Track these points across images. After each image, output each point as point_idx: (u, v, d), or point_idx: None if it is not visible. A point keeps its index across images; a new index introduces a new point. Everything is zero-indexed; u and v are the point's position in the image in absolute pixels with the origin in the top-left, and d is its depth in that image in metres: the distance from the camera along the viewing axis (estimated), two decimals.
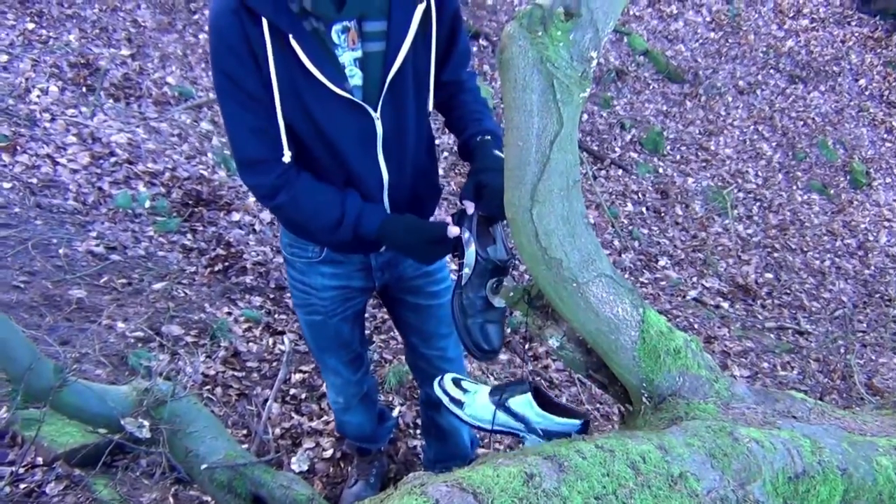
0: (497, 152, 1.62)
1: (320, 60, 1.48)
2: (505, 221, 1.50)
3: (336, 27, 1.51)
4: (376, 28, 1.53)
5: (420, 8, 1.54)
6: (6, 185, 3.78)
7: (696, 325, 4.80)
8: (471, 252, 1.58)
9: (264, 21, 1.44)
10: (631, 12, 8.94)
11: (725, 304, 5.27)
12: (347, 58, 1.54)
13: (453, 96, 1.78)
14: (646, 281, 5.26)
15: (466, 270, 1.60)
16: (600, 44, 1.21)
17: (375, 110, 1.59)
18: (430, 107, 1.72)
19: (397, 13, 1.53)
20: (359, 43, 1.54)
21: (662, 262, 5.58)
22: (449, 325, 2.08)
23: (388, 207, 1.75)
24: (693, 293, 5.26)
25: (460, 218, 1.62)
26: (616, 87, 7.83)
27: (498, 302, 1.60)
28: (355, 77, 1.56)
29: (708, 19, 9.43)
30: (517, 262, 1.62)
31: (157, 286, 3.42)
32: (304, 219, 1.68)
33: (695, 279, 5.50)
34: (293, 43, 1.45)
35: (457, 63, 1.75)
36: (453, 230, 1.59)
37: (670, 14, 9.22)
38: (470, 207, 1.60)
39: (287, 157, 1.57)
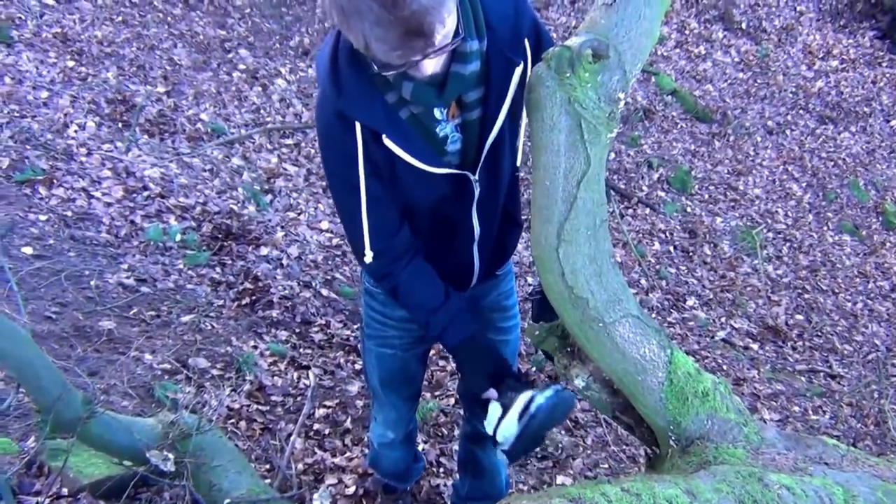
0: None
1: (415, 147, 1.48)
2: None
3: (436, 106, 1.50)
4: (474, 96, 1.51)
5: (518, 70, 1.49)
6: (42, 217, 3.86)
7: (724, 367, 4.72)
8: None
9: (357, 124, 1.45)
10: (659, 52, 8.98)
11: (755, 346, 5.19)
12: (449, 128, 1.54)
13: None
14: (673, 321, 5.20)
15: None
16: (628, 85, 1.22)
17: (474, 174, 1.58)
18: (520, 158, 1.72)
19: (495, 80, 1.49)
20: (459, 113, 1.53)
21: (690, 301, 5.53)
22: (513, 362, 2.09)
23: (476, 258, 1.78)
24: (722, 334, 5.19)
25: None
26: (644, 127, 7.84)
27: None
28: (457, 142, 1.56)
29: (737, 59, 9.44)
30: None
31: (185, 319, 3.46)
32: (404, 308, 1.75)
33: (723, 320, 5.43)
34: (386, 141, 1.45)
35: None
36: (491, 394, 1.60)
37: (698, 54, 9.25)
38: None
39: (369, 257, 1.61)
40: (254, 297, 3.82)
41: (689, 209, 6.89)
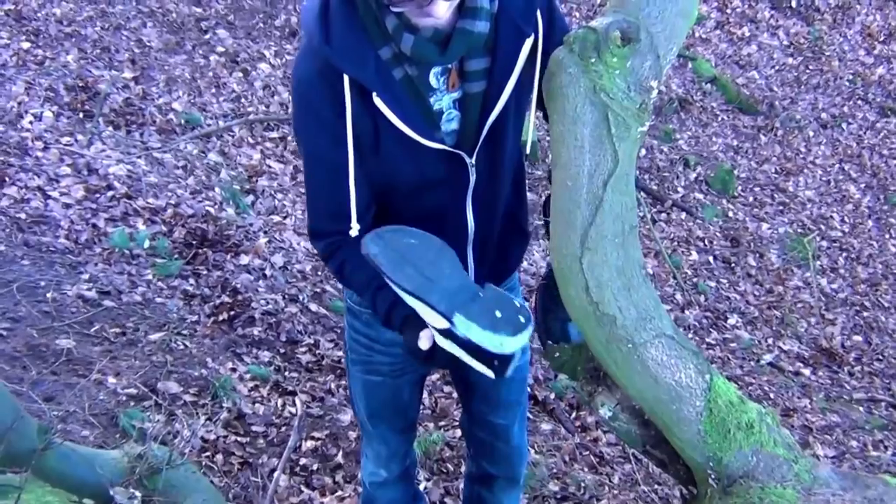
0: None
1: (408, 112, 1.50)
2: None
3: (434, 69, 1.53)
4: (479, 66, 1.54)
5: (528, 42, 1.54)
6: None
7: (771, 395, 4.71)
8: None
9: (345, 78, 1.47)
10: (697, 34, 9.00)
11: (807, 371, 5.17)
12: (446, 101, 1.57)
13: None
14: (713, 342, 5.19)
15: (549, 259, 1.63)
16: (661, 72, 1.23)
17: (471, 156, 1.60)
18: (528, 148, 1.74)
19: (503, 50, 1.53)
20: (459, 84, 1.56)
21: (733, 320, 5.52)
22: (520, 393, 2.08)
23: (470, 263, 1.77)
24: (768, 357, 5.18)
25: (545, 204, 1.66)
26: (679, 119, 7.85)
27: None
28: (453, 121, 1.59)
29: (785, 43, 9.45)
30: None
31: (154, 337, 3.47)
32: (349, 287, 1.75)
33: (770, 341, 5.42)
34: (376, 100, 1.47)
35: None
36: (423, 338, 1.57)
37: (742, 37, 9.26)
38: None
39: (355, 230, 1.60)
40: (232, 313, 3.83)
41: (730, 214, 6.89)
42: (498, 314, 1.40)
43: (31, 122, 4.63)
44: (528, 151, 1.77)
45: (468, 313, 1.40)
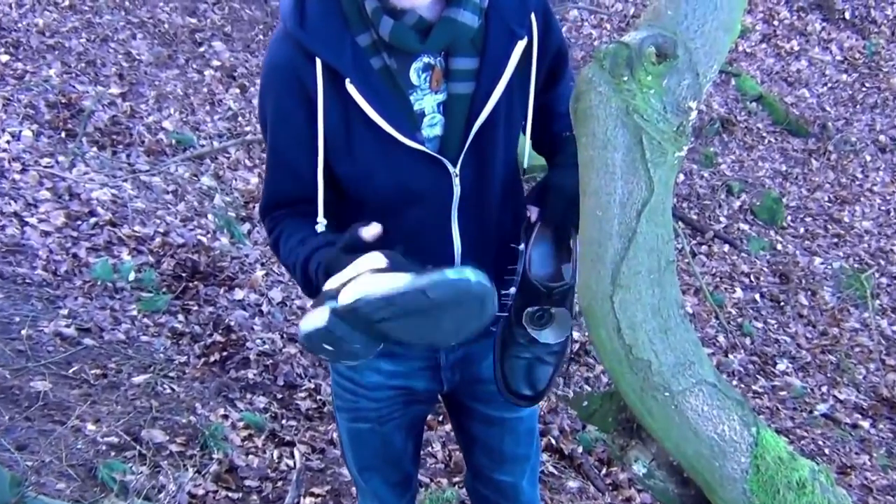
0: None
1: (386, 105, 1.52)
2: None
3: (416, 65, 1.56)
4: (466, 66, 1.57)
5: (520, 45, 1.58)
6: None
7: (826, 451, 4.66)
8: (520, 269, 1.62)
9: (318, 62, 1.50)
10: (740, 48, 9.04)
11: (865, 424, 5.12)
12: (429, 102, 1.59)
13: (541, 110, 1.80)
14: (760, 390, 5.15)
15: (512, 290, 1.63)
16: (701, 91, 1.23)
17: (455, 165, 1.61)
18: (525, 161, 1.75)
19: (492, 50, 1.57)
20: (443, 84, 1.58)
21: (782, 365, 5.47)
22: (528, 445, 2.07)
23: None
24: (822, 407, 5.13)
25: (525, 227, 1.66)
26: (721, 141, 7.85)
27: (544, 337, 1.62)
28: (436, 126, 1.60)
29: (839, 58, 9.46)
30: (568, 288, 1.63)
31: (138, 379, 3.47)
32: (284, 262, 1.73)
33: (825, 389, 5.37)
34: (349, 87, 1.50)
35: (554, 103, 1.78)
36: (369, 230, 1.50)
37: (790, 51, 9.29)
38: (533, 213, 1.65)
39: (321, 226, 1.62)
40: (225, 353, 3.83)
41: (779, 246, 6.86)
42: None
43: (8, 142, 4.69)
44: (524, 167, 1.77)
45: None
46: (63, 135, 4.93)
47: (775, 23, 9.53)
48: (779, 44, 9.33)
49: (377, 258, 1.41)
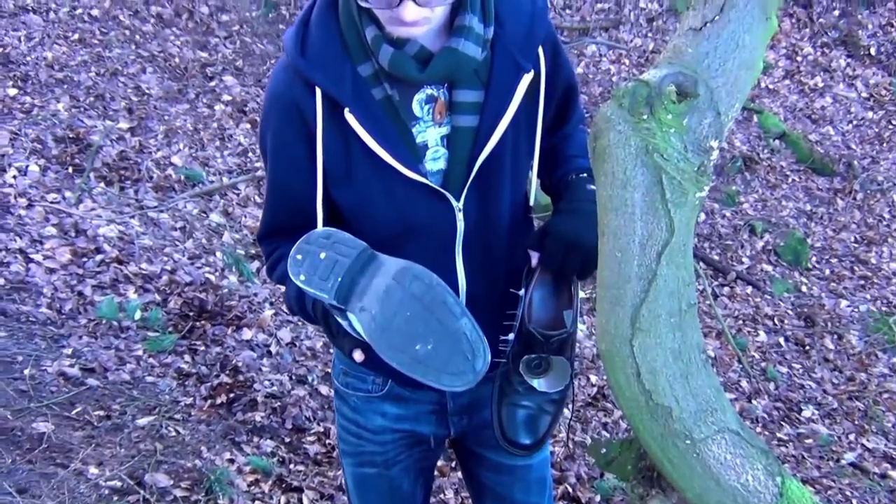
0: (592, 187, 1.62)
1: (386, 135, 1.55)
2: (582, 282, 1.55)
3: (419, 96, 1.58)
4: (470, 98, 1.59)
5: (526, 78, 1.60)
6: None
7: (854, 502, 4.60)
8: (520, 315, 1.63)
9: (318, 92, 1.53)
10: (763, 84, 9.07)
11: (895, 474, 5.06)
12: (433, 135, 1.61)
13: (550, 151, 1.82)
14: (785, 438, 5.10)
15: (511, 336, 1.63)
16: (723, 130, 1.24)
17: (458, 199, 1.63)
18: (532, 199, 1.76)
19: (497, 82, 1.58)
20: (447, 116, 1.60)
21: (808, 412, 5.42)
22: (540, 494, 2.05)
23: None
24: (850, 456, 5.07)
25: (526, 273, 1.67)
26: (744, 180, 7.85)
27: (541, 385, 1.62)
28: (440, 159, 1.62)
29: (864, 95, 9.48)
30: (567, 336, 1.63)
31: (143, 421, 3.47)
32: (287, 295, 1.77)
33: (852, 437, 5.31)
34: (349, 117, 1.52)
35: (562, 144, 1.80)
36: (356, 356, 1.59)
37: (814, 88, 9.31)
38: (533, 258, 1.66)
39: None
40: (232, 395, 3.83)
41: (804, 288, 6.83)
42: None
43: (14, 177, 4.73)
44: (532, 203, 1.79)
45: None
46: (70, 170, 4.98)
47: (798, 59, 9.56)
48: (802, 80, 9.35)
49: None
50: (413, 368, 1.43)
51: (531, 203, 1.79)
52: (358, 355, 1.58)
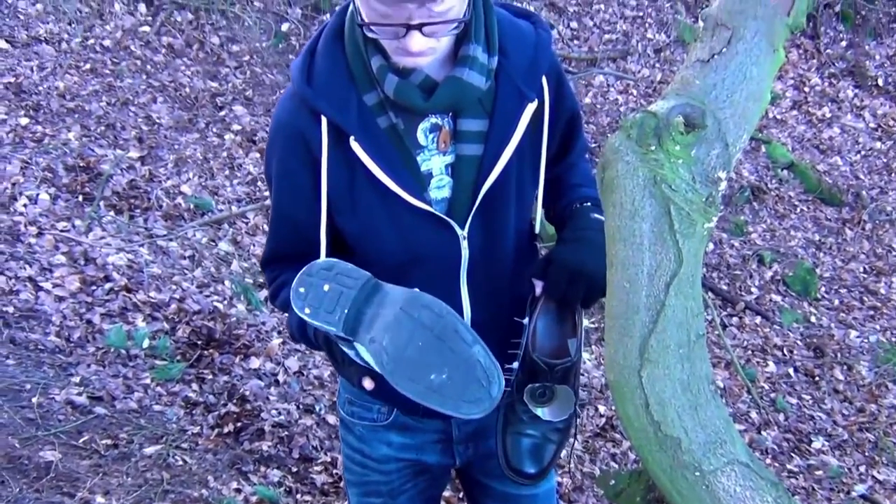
0: (596, 216, 1.65)
1: (391, 164, 1.56)
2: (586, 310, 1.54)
3: (423, 125, 1.60)
4: (474, 127, 1.61)
5: (530, 107, 1.61)
6: None
7: None
8: (524, 343, 1.64)
9: (323, 121, 1.54)
10: (771, 114, 9.08)
11: None
12: (437, 163, 1.62)
13: (554, 181, 1.83)
14: (795, 469, 5.06)
15: (514, 365, 1.63)
16: (731, 161, 1.24)
17: (462, 227, 1.64)
18: (538, 227, 1.77)
19: (501, 111, 1.60)
20: (452, 145, 1.62)
21: (818, 443, 5.39)
22: None
23: None
24: (861, 488, 5.03)
25: (530, 301, 1.68)
26: (752, 210, 7.85)
27: (545, 414, 1.62)
28: (444, 188, 1.63)
29: (872, 125, 9.48)
30: (571, 364, 1.63)
31: (150, 450, 3.46)
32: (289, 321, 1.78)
33: (863, 469, 5.27)
34: (354, 145, 1.53)
35: (566, 174, 1.81)
36: (366, 384, 1.59)
37: (822, 118, 9.32)
38: (537, 287, 1.66)
39: None
40: (239, 424, 3.82)
41: (813, 319, 6.80)
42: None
43: (25, 206, 4.76)
44: (537, 230, 1.80)
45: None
46: (80, 199, 5.00)
47: (806, 89, 9.59)
48: (810, 111, 9.37)
49: None
50: (429, 398, 1.43)
51: (537, 231, 1.80)
52: (368, 383, 1.59)
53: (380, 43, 1.50)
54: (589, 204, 1.71)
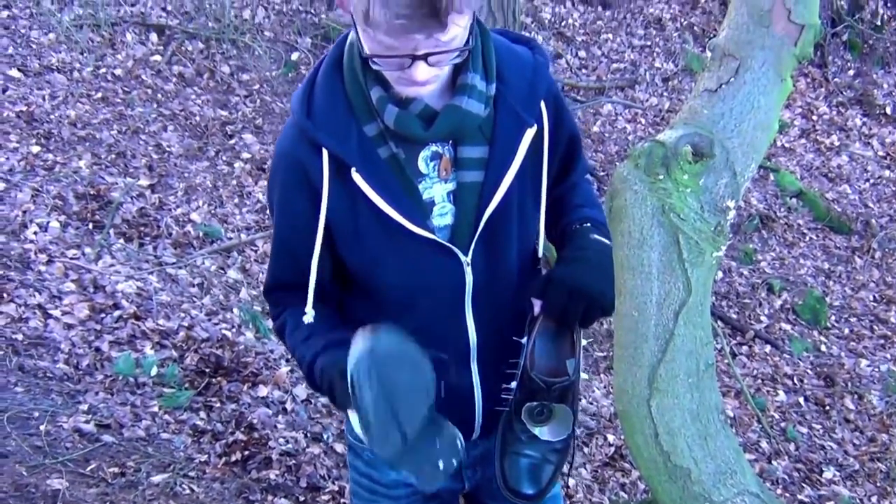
0: (596, 236, 1.66)
1: (393, 194, 1.57)
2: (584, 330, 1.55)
3: (424, 153, 1.61)
4: (474, 154, 1.62)
5: (529, 132, 1.62)
6: None
7: None
8: (522, 361, 1.64)
9: (324, 152, 1.55)
10: (779, 143, 9.09)
11: None
12: (439, 191, 1.63)
13: (555, 202, 1.84)
14: (806, 500, 5.02)
15: (513, 384, 1.64)
16: (739, 190, 1.25)
17: (466, 254, 1.64)
18: (541, 250, 1.77)
19: (501, 137, 1.61)
20: (453, 172, 1.63)
21: (829, 473, 5.35)
22: None
23: (477, 379, 1.78)
24: None
25: (528, 321, 1.68)
26: (761, 238, 7.84)
27: (544, 433, 1.63)
28: (447, 215, 1.64)
29: (881, 153, 9.49)
30: (569, 384, 1.64)
31: (157, 479, 3.45)
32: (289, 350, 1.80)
33: (875, 500, 5.23)
34: (355, 176, 1.54)
35: (566, 194, 1.82)
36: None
37: (830, 146, 9.33)
38: (536, 306, 1.66)
39: (309, 316, 1.66)
40: (247, 453, 3.81)
41: (823, 347, 6.77)
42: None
43: (35, 233, 4.78)
44: (540, 254, 1.80)
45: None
46: (90, 226, 5.03)
47: (814, 118, 9.61)
48: (818, 139, 9.38)
49: None
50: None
51: (540, 255, 1.81)
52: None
53: (379, 74, 1.51)
54: (589, 224, 1.72)
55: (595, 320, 1.59)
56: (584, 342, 1.71)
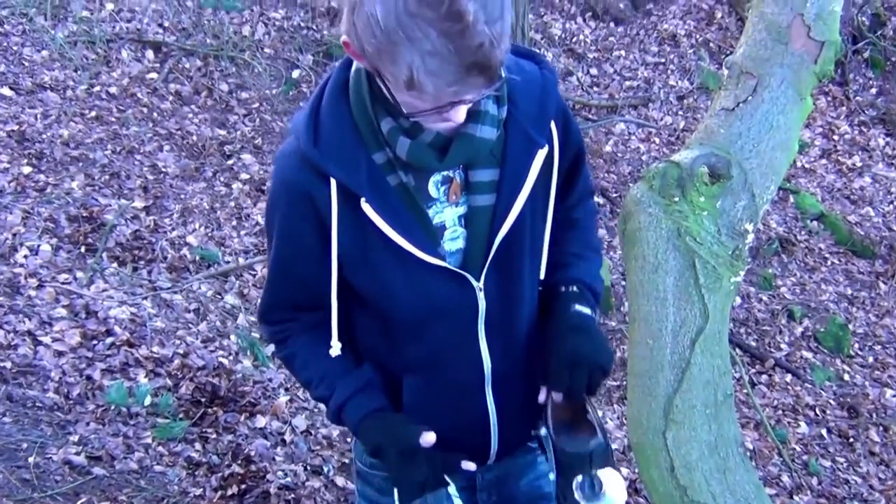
0: (578, 307, 1.66)
1: (403, 222, 1.57)
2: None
3: (434, 178, 1.62)
4: (486, 178, 1.62)
5: (541, 154, 1.63)
6: None
7: None
8: (550, 451, 1.65)
9: (332, 182, 1.55)
10: (799, 164, 9.09)
11: None
12: (450, 215, 1.64)
13: (554, 239, 1.84)
14: None
15: (551, 476, 1.66)
16: (758, 213, 1.24)
17: (478, 279, 1.65)
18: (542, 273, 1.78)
19: (513, 160, 1.62)
20: (463, 196, 1.63)
21: None
22: None
23: (492, 404, 1.78)
24: None
25: (543, 411, 1.69)
26: (781, 262, 7.82)
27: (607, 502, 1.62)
28: (458, 239, 1.65)
29: None
30: (604, 447, 1.64)
31: None
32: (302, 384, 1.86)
33: None
34: (365, 206, 1.54)
35: (570, 203, 1.82)
36: (428, 438, 1.65)
37: (852, 167, 9.32)
38: (542, 394, 1.67)
39: (336, 349, 1.69)
40: (244, 486, 3.80)
41: (846, 377, 6.74)
42: None
43: (25, 257, 4.79)
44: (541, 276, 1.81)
45: None
46: (83, 250, 5.03)
47: (835, 138, 9.60)
48: (840, 160, 9.37)
49: None
50: None
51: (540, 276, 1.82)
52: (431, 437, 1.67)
53: (388, 103, 1.51)
54: (574, 289, 1.72)
55: (601, 384, 1.59)
56: (607, 411, 1.74)
